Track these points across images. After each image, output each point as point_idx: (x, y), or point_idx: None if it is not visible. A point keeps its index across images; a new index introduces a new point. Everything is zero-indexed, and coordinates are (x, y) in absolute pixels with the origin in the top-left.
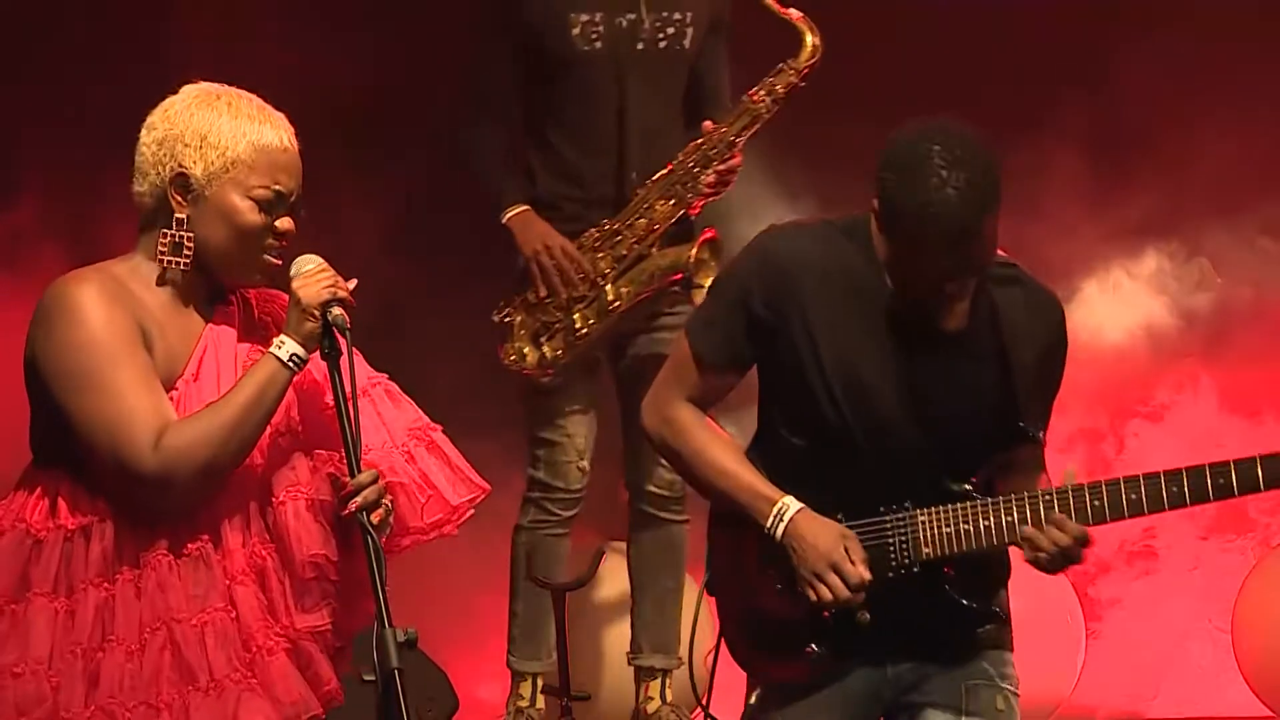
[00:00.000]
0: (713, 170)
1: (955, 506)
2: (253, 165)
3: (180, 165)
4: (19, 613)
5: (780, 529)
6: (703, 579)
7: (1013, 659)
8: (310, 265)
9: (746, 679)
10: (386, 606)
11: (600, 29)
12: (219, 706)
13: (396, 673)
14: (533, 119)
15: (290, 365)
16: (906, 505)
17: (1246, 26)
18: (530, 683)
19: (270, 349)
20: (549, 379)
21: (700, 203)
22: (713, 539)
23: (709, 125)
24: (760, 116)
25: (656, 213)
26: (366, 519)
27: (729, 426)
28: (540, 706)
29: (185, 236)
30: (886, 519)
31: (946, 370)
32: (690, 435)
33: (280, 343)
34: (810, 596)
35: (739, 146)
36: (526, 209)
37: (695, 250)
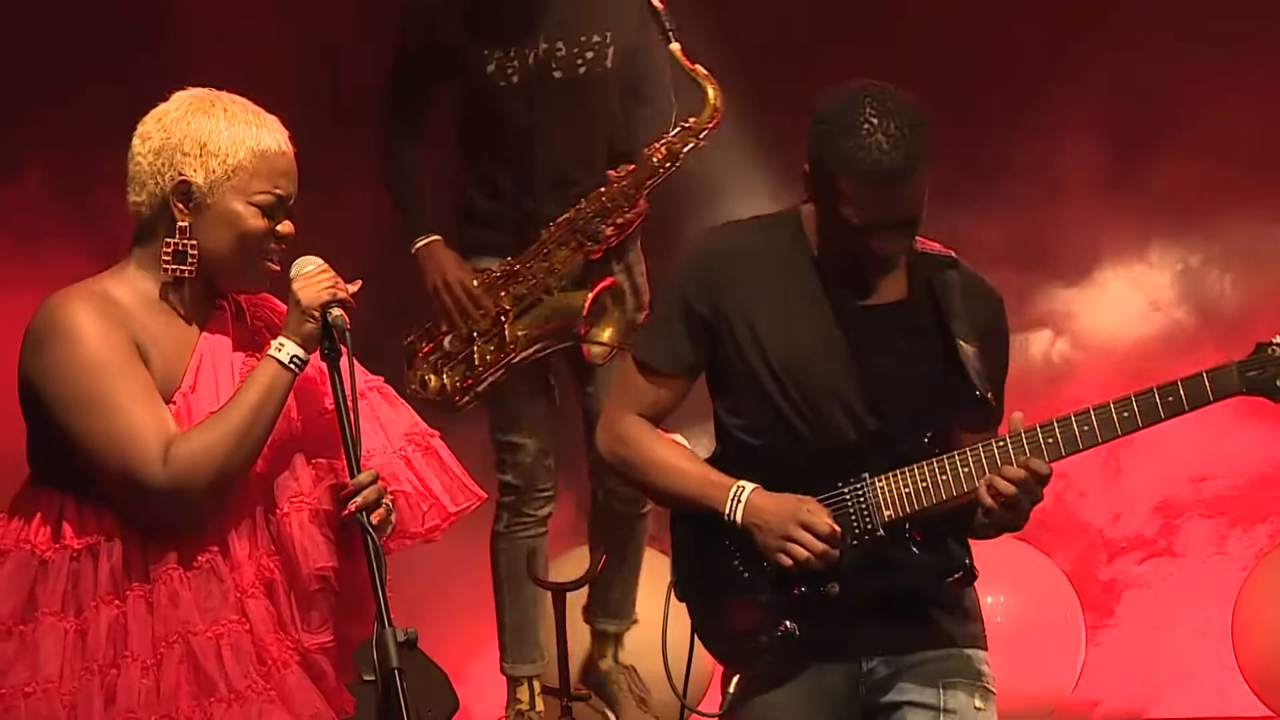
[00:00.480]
0: (610, 222)
1: (911, 468)
2: (254, 171)
3: (180, 174)
4: (28, 633)
5: (739, 511)
6: (669, 583)
7: (987, 658)
8: (310, 266)
9: (723, 671)
10: (387, 607)
11: (515, 63)
12: (242, 716)
13: (396, 673)
14: (464, 133)
15: (291, 367)
16: (864, 477)
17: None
18: (527, 686)
19: (270, 351)
20: (459, 407)
21: (600, 250)
22: (675, 540)
23: (611, 174)
24: (658, 172)
25: (556, 257)
26: (366, 519)
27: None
28: (540, 709)
29: (189, 244)
30: (844, 490)
31: (888, 342)
32: (640, 443)
33: (280, 345)
34: (784, 563)
35: (640, 198)
36: (433, 240)
37: (590, 299)
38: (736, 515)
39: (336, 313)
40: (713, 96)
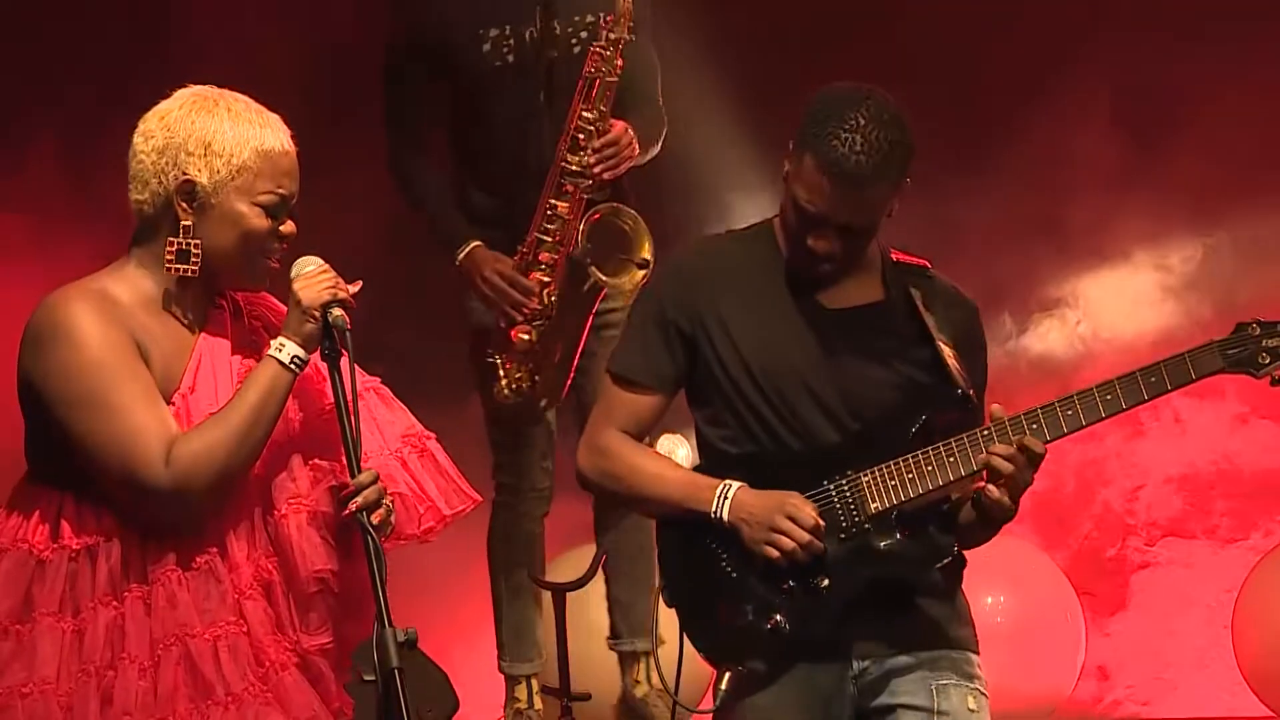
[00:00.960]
0: (589, 151)
1: (897, 460)
2: (258, 171)
3: (185, 173)
4: (24, 633)
5: (725, 509)
6: (658, 587)
7: (979, 661)
8: (311, 266)
9: (716, 671)
10: (387, 607)
11: (511, 42)
12: (239, 719)
13: (396, 672)
14: (456, 133)
15: (291, 367)
16: (848, 474)
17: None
18: (525, 685)
19: (270, 351)
20: (557, 398)
21: (597, 182)
22: (661, 546)
23: (576, 103)
24: (608, 82)
25: (559, 211)
26: (367, 519)
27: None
28: (539, 707)
29: (193, 244)
30: (830, 487)
31: (866, 343)
32: (621, 455)
33: (280, 345)
34: (771, 554)
35: (607, 118)
36: (473, 246)
37: (581, 232)
38: (723, 512)
39: (337, 313)
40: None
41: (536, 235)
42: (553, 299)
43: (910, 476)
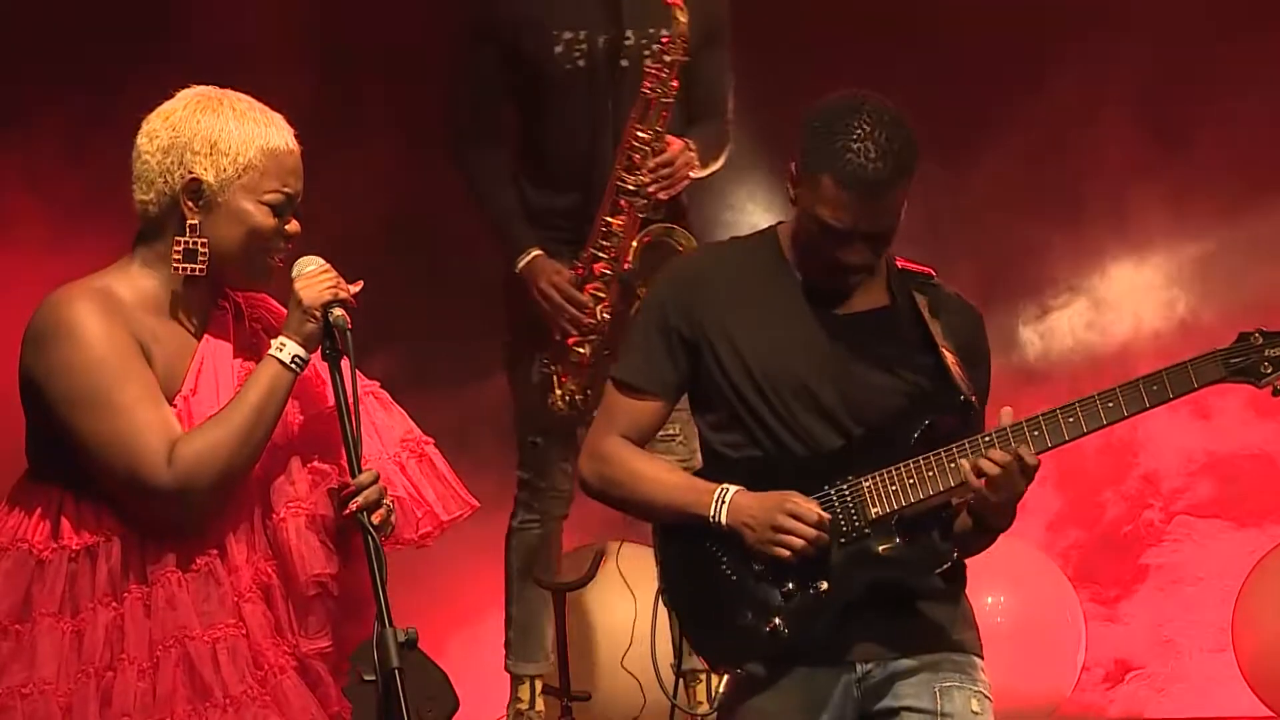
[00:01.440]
0: (644, 171)
1: (898, 465)
2: (264, 170)
3: (191, 173)
4: (24, 633)
5: (724, 512)
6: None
7: (983, 665)
8: (312, 266)
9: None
10: (387, 607)
11: (584, 46)
12: None
13: (396, 672)
14: (521, 129)
15: (292, 367)
16: (849, 479)
17: None
18: (529, 685)
19: (271, 351)
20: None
21: (652, 201)
22: (660, 549)
23: (632, 122)
24: (664, 104)
25: (614, 227)
26: (367, 519)
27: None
28: (540, 709)
29: (200, 243)
30: (830, 492)
31: (871, 348)
32: (622, 461)
33: (281, 345)
34: (779, 554)
35: (663, 138)
36: (534, 255)
37: (634, 251)
38: (721, 516)
39: (338, 313)
40: (678, 13)
41: (592, 251)
42: (606, 315)
43: (911, 482)
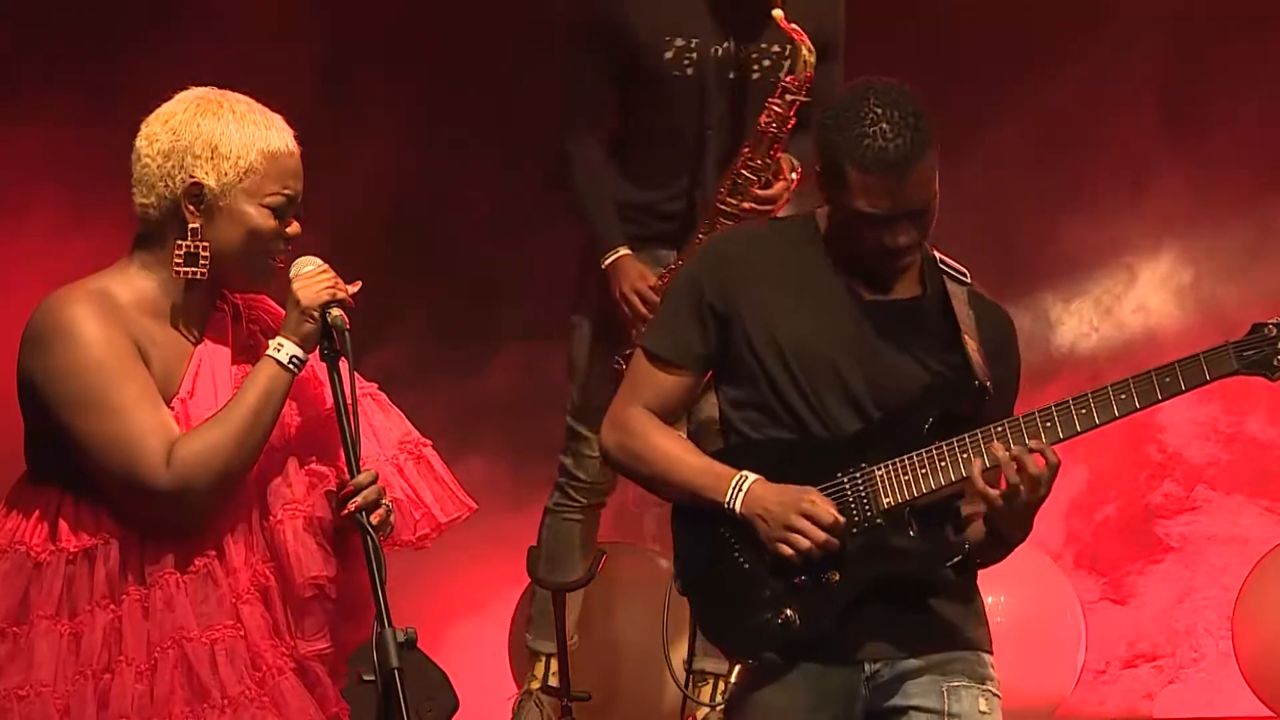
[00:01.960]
0: (747, 199)
1: (911, 455)
2: (265, 173)
3: (192, 176)
4: (21, 635)
5: (739, 500)
6: (670, 576)
7: (993, 661)
8: (310, 266)
9: (728, 662)
10: (386, 607)
11: (694, 55)
12: None
13: (396, 672)
14: (623, 127)
15: (290, 367)
16: (863, 466)
17: None
18: (544, 663)
19: (268, 351)
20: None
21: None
22: (676, 534)
23: (744, 151)
24: (775, 136)
25: None
26: (366, 519)
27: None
28: (554, 684)
29: (201, 246)
30: (844, 480)
31: (899, 337)
32: (643, 433)
33: (279, 345)
34: (786, 553)
35: (771, 169)
36: (621, 255)
37: None
38: (736, 505)
39: (336, 313)
40: (805, 53)
41: (681, 264)
42: None
43: (924, 472)
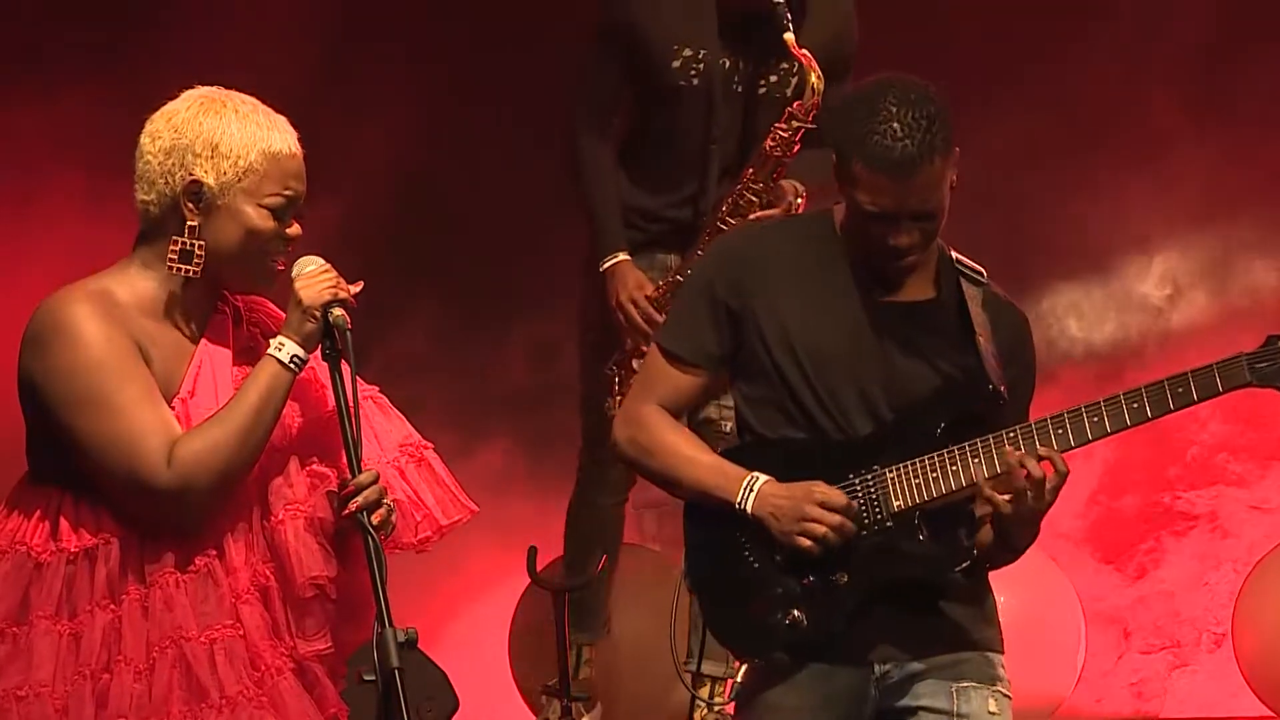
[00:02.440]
0: (748, 220)
1: (922, 459)
2: (265, 174)
3: (192, 175)
4: (21, 636)
5: (750, 500)
6: (680, 573)
7: (1003, 660)
8: (312, 266)
9: (736, 661)
10: (387, 607)
11: (701, 65)
12: None
13: (396, 672)
14: (631, 131)
15: (291, 367)
16: (875, 468)
17: None
18: (575, 653)
19: (270, 350)
20: None
21: None
22: (687, 533)
23: (747, 172)
24: (778, 160)
25: None
26: (367, 519)
27: None
28: (587, 676)
29: (197, 244)
30: (855, 481)
31: (912, 339)
32: (658, 431)
33: (280, 344)
34: (803, 544)
35: (773, 191)
36: (620, 260)
37: None
38: (748, 504)
39: (338, 313)
40: (814, 80)
41: (678, 279)
42: None
43: (935, 475)
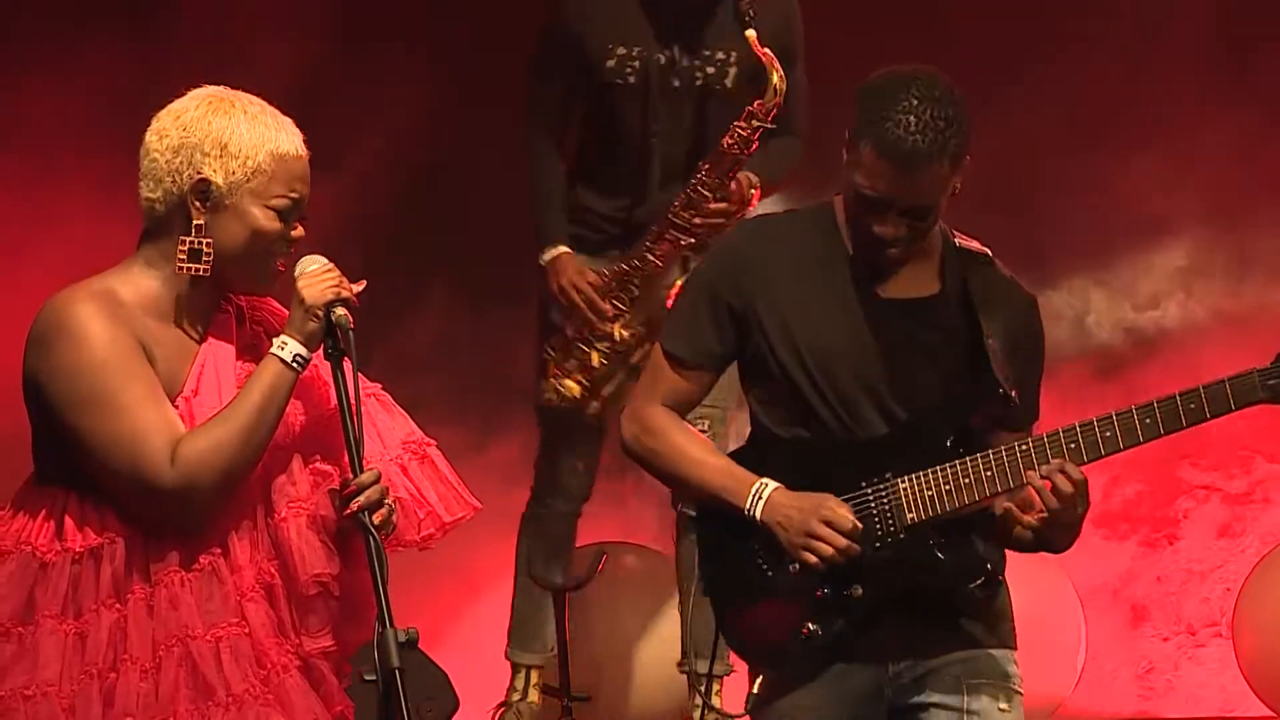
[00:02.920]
0: (699, 214)
1: (935, 470)
2: (273, 175)
3: (200, 173)
4: (27, 635)
5: (759, 507)
6: (695, 579)
7: (1015, 657)
8: (314, 265)
9: (749, 669)
10: (388, 606)
11: (636, 64)
12: None
13: (396, 672)
14: (579, 132)
15: (294, 366)
16: (888, 476)
17: None
18: (524, 675)
19: (272, 349)
20: (589, 413)
21: (700, 241)
22: (701, 539)
23: (702, 167)
24: (735, 158)
25: (655, 253)
26: (368, 519)
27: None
28: (533, 700)
29: (205, 243)
30: (868, 491)
31: (917, 336)
32: (666, 434)
33: (283, 343)
34: (808, 560)
35: (729, 189)
36: (562, 252)
37: (671, 296)
38: (756, 512)
39: (340, 312)
40: (776, 80)
41: (624, 268)
42: (624, 333)
43: (948, 489)
